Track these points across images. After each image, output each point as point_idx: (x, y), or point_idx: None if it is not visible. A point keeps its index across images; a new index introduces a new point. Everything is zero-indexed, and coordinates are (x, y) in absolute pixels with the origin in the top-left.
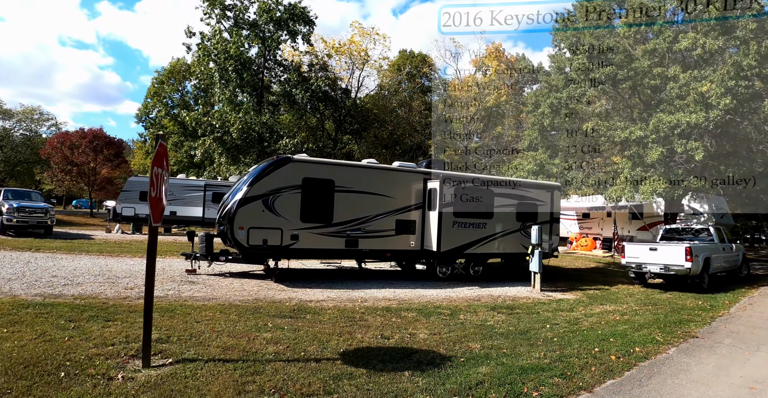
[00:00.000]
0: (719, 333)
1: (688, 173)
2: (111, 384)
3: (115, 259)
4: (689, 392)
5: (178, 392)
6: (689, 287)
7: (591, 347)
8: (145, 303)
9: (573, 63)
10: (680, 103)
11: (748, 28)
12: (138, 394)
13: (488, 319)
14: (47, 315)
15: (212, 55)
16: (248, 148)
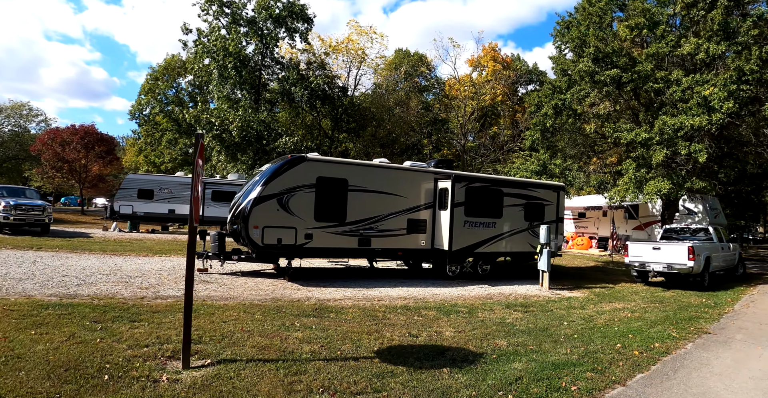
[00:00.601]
0: (729, 329)
1: (689, 175)
2: (158, 386)
3: (122, 258)
4: (715, 384)
5: (227, 393)
6: (690, 286)
7: (612, 343)
8: (185, 305)
9: (578, 65)
10: (683, 106)
11: (750, 34)
12: (189, 396)
13: (506, 317)
14: (70, 316)
15: (211, 52)
16: (247, 146)
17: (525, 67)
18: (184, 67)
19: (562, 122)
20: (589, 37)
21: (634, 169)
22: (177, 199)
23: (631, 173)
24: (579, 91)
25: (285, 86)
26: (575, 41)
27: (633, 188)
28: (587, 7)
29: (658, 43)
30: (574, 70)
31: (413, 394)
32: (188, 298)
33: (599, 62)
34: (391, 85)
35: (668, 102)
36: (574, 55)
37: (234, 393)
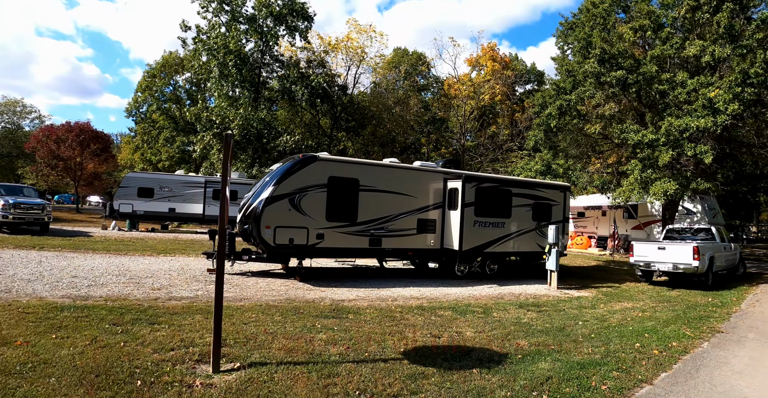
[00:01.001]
0: (740, 328)
1: (694, 176)
2: (193, 391)
3: (128, 258)
4: (738, 382)
5: (265, 397)
6: (694, 285)
7: (631, 342)
8: (215, 308)
9: (583, 66)
10: (688, 107)
11: (755, 38)
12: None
13: (521, 317)
14: (87, 319)
15: (212, 50)
16: (247, 144)
17: (523, 67)
18: (181, 64)
19: (566, 122)
20: (595, 39)
21: (640, 170)
22: (177, 198)
23: (636, 173)
24: (584, 92)
25: (285, 85)
26: (581, 42)
27: (638, 188)
28: (591, 8)
29: (663, 45)
30: (579, 71)
31: (449, 395)
32: (218, 301)
33: (605, 63)
34: (391, 84)
35: (673, 104)
36: (579, 56)
37: (271, 397)
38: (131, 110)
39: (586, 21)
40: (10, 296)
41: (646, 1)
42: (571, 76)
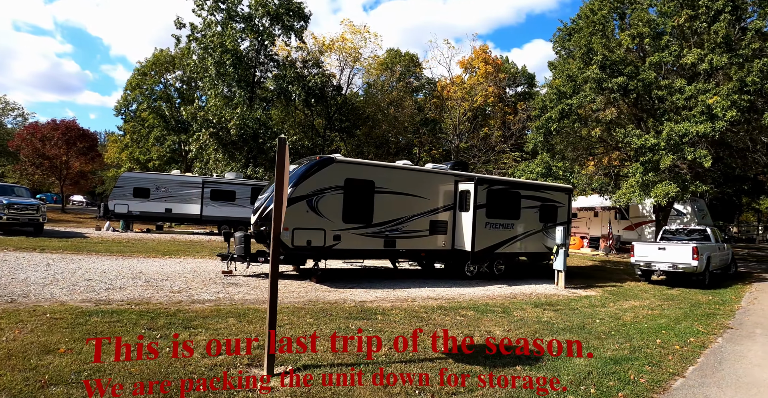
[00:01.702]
0: (747, 324)
1: (693, 178)
2: (258, 397)
3: (135, 260)
4: (760, 374)
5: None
6: (692, 284)
7: (651, 339)
8: (269, 313)
9: (585, 72)
10: (687, 113)
11: (751, 47)
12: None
13: (541, 316)
14: (120, 324)
15: (208, 48)
16: (243, 144)
17: (514, 69)
18: (173, 62)
19: (566, 125)
20: (596, 45)
21: (641, 173)
22: (174, 198)
23: (638, 176)
24: (585, 96)
25: (282, 84)
26: (582, 49)
27: (639, 190)
28: (590, 15)
29: (662, 52)
30: (579, 77)
31: (505, 393)
32: (273, 306)
33: (606, 69)
34: (386, 84)
35: (671, 109)
36: (580, 61)
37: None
38: (120, 108)
39: (585, 27)
40: (29, 301)
41: (644, 10)
42: (571, 81)
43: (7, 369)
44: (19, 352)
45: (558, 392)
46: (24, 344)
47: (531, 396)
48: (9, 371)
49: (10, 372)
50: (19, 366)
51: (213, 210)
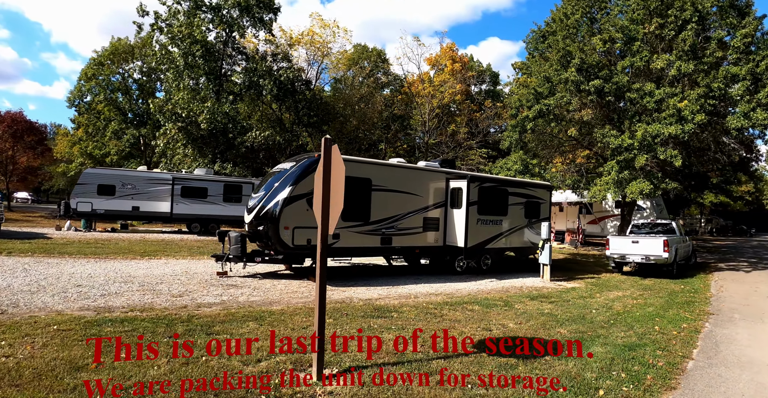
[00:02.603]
0: (724, 310)
1: (663, 176)
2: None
3: (117, 262)
4: (753, 353)
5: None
6: (662, 274)
7: (649, 326)
8: (319, 317)
9: (561, 74)
10: (657, 115)
11: (715, 55)
12: None
13: (542, 308)
14: (136, 333)
15: (176, 39)
16: (213, 140)
17: (480, 67)
18: (132, 52)
19: (540, 124)
20: (573, 49)
21: (617, 171)
22: (142, 195)
23: (614, 174)
24: (561, 98)
25: (252, 78)
26: (560, 52)
27: (614, 187)
28: (564, 19)
29: (633, 57)
30: (556, 78)
31: (553, 383)
32: (321, 310)
33: (583, 72)
34: (355, 80)
35: (642, 111)
36: (557, 64)
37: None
38: (74, 100)
39: (560, 30)
40: (21, 311)
41: (615, 16)
42: (548, 82)
43: (45, 391)
44: (46, 371)
45: (596, 377)
46: (47, 361)
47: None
48: (49, 393)
49: (51, 394)
50: (56, 386)
51: (184, 208)
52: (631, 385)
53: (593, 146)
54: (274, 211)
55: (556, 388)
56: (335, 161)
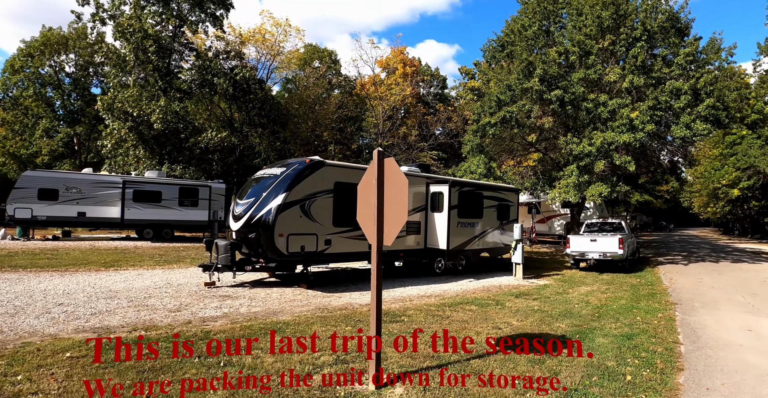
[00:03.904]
0: (684, 300)
1: (618, 180)
2: None
3: (85, 275)
4: (725, 336)
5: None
6: (616, 269)
7: (631, 317)
8: (376, 326)
9: (525, 84)
10: (611, 124)
11: (661, 71)
12: None
13: (530, 305)
14: (164, 355)
15: (126, 32)
16: (166, 140)
17: (429, 71)
18: (66, 44)
19: (501, 130)
20: (534, 59)
21: (577, 175)
22: (88, 200)
23: (574, 178)
24: (523, 105)
25: (206, 76)
26: (523, 62)
27: (573, 190)
28: (522, 31)
29: (588, 69)
30: (518, 87)
31: (584, 372)
32: (378, 319)
33: (545, 82)
34: (309, 81)
35: (596, 120)
36: (520, 73)
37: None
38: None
39: (518, 41)
40: (9, 337)
41: (569, 31)
42: (510, 91)
43: None
44: None
45: (617, 365)
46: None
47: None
48: None
49: None
50: None
51: (136, 213)
52: (647, 370)
53: (549, 151)
54: (268, 218)
55: (590, 378)
56: (393, 174)
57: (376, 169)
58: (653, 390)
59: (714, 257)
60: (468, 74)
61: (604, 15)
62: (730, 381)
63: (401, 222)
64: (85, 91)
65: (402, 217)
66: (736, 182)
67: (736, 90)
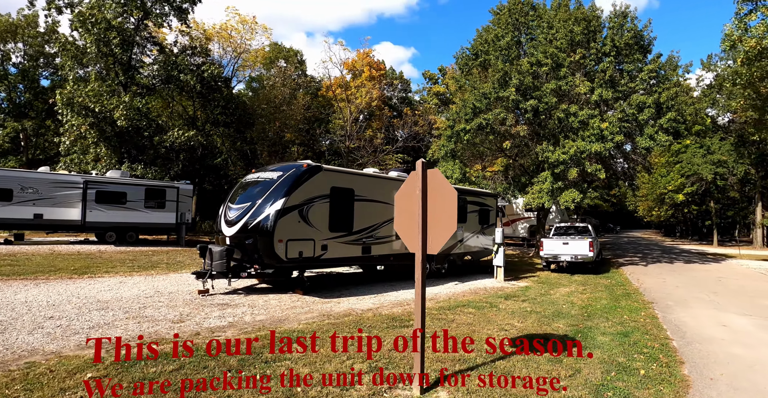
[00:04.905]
0: (658, 299)
1: (588, 186)
2: None
3: (62, 284)
4: (706, 331)
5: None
6: (586, 270)
7: (618, 315)
8: (421, 332)
9: (500, 93)
10: (582, 134)
11: (628, 85)
12: None
13: (522, 307)
14: (193, 370)
15: (87, 21)
16: (130, 138)
17: (394, 74)
18: (15, 31)
19: (472, 136)
20: (512, 71)
21: (551, 181)
22: (46, 201)
23: (548, 184)
24: (498, 113)
25: (171, 72)
26: (499, 72)
27: (547, 196)
28: (495, 40)
29: (559, 81)
30: (493, 95)
31: (602, 369)
32: (422, 323)
33: (520, 92)
34: (277, 81)
35: (568, 129)
36: (496, 82)
37: None
38: None
39: (492, 50)
40: (7, 357)
41: (540, 43)
42: (486, 99)
43: None
44: None
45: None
46: None
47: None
48: None
49: None
50: None
51: (99, 215)
52: (654, 364)
53: (519, 157)
54: (266, 224)
55: (609, 374)
56: (440, 185)
57: (420, 179)
58: (668, 382)
59: (667, 258)
60: (432, 79)
61: (576, 30)
62: (726, 371)
63: (450, 231)
64: (34, 84)
65: (452, 226)
66: (681, 187)
67: (692, 104)
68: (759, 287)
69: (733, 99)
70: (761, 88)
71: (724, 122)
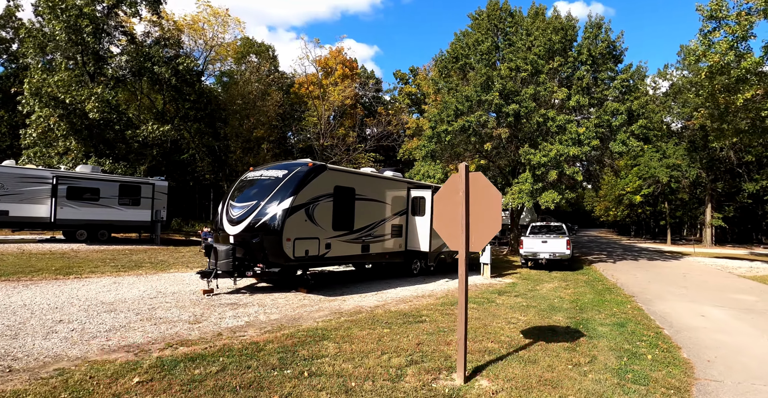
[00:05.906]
0: (637, 293)
1: (566, 187)
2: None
3: (51, 285)
4: (689, 321)
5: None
6: (562, 267)
7: (609, 308)
8: (463, 327)
9: (483, 97)
10: (560, 137)
11: (603, 93)
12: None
13: (517, 302)
14: (247, 372)
15: (56, 7)
16: (101, 131)
17: (365, 73)
18: None
19: (454, 137)
20: (494, 76)
21: (531, 182)
22: (11, 197)
23: (528, 185)
24: (480, 116)
25: (144, 64)
26: (483, 77)
27: (527, 196)
28: (475, 45)
29: (538, 86)
30: (476, 98)
31: (616, 355)
32: (464, 318)
33: (503, 96)
34: (251, 76)
35: (546, 133)
36: (478, 86)
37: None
38: None
39: (473, 55)
40: (31, 364)
41: (518, 49)
42: (468, 101)
43: None
44: None
45: (632, 348)
46: None
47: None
48: None
49: None
50: None
51: (70, 212)
52: (655, 350)
53: (497, 159)
54: (274, 223)
55: (622, 359)
56: (485, 187)
57: (463, 181)
58: (674, 365)
59: (631, 256)
60: (403, 79)
61: (555, 38)
62: (718, 354)
63: (495, 230)
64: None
65: (496, 226)
66: (639, 189)
67: (659, 112)
68: (721, 282)
69: (687, 107)
70: (720, 99)
71: (677, 128)
